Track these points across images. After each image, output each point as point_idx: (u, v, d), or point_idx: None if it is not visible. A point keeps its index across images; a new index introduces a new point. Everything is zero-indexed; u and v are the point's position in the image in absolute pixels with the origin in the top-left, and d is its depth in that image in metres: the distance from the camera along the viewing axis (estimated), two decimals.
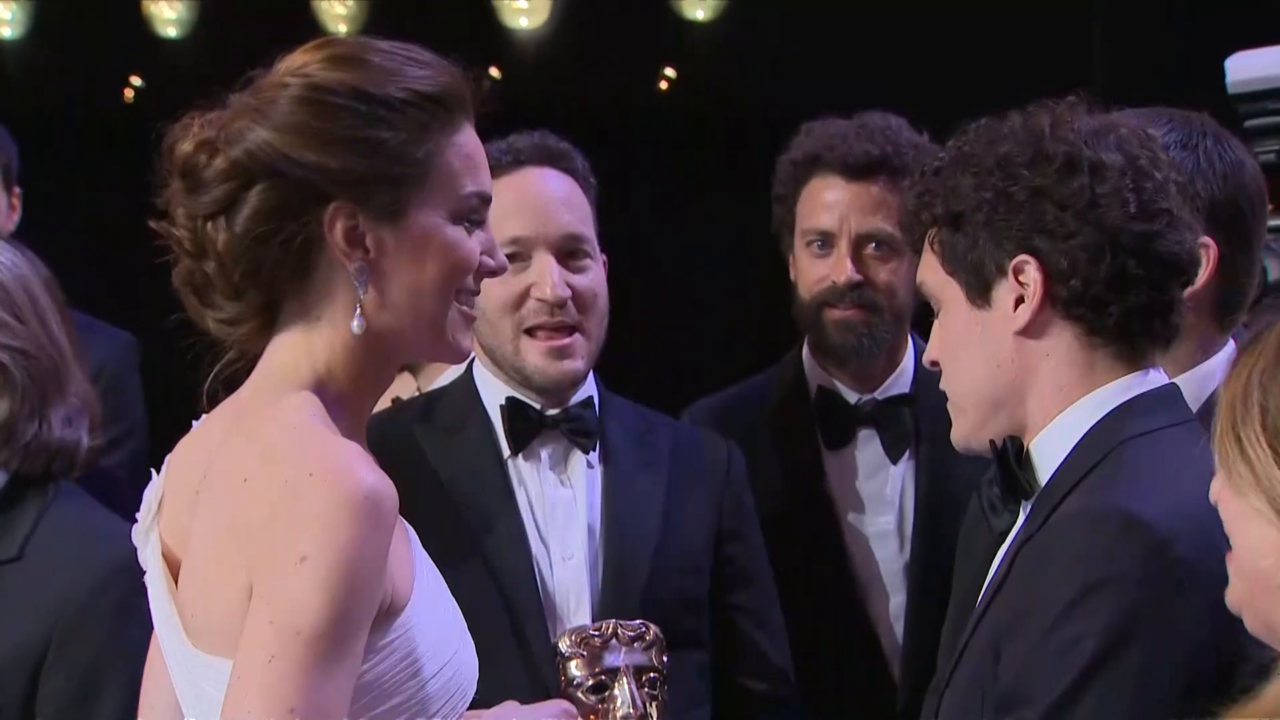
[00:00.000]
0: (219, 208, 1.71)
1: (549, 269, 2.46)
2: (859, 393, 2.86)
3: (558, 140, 2.56)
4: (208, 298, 1.75)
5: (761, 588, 2.61)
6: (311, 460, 1.62)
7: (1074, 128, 1.91)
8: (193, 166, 1.72)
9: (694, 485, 2.57)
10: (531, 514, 2.49)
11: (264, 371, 1.76)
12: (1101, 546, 1.73)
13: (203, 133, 1.72)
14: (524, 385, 2.51)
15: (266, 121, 1.70)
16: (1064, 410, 1.91)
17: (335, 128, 1.71)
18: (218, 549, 1.66)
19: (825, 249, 2.82)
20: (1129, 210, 1.87)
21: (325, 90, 1.71)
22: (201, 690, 1.70)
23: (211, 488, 1.69)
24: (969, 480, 2.70)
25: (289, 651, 1.56)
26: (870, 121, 2.83)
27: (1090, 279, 1.87)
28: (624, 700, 2.25)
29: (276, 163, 1.70)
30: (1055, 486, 1.88)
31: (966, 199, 1.92)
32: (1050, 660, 1.73)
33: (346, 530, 1.58)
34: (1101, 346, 1.90)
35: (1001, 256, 1.91)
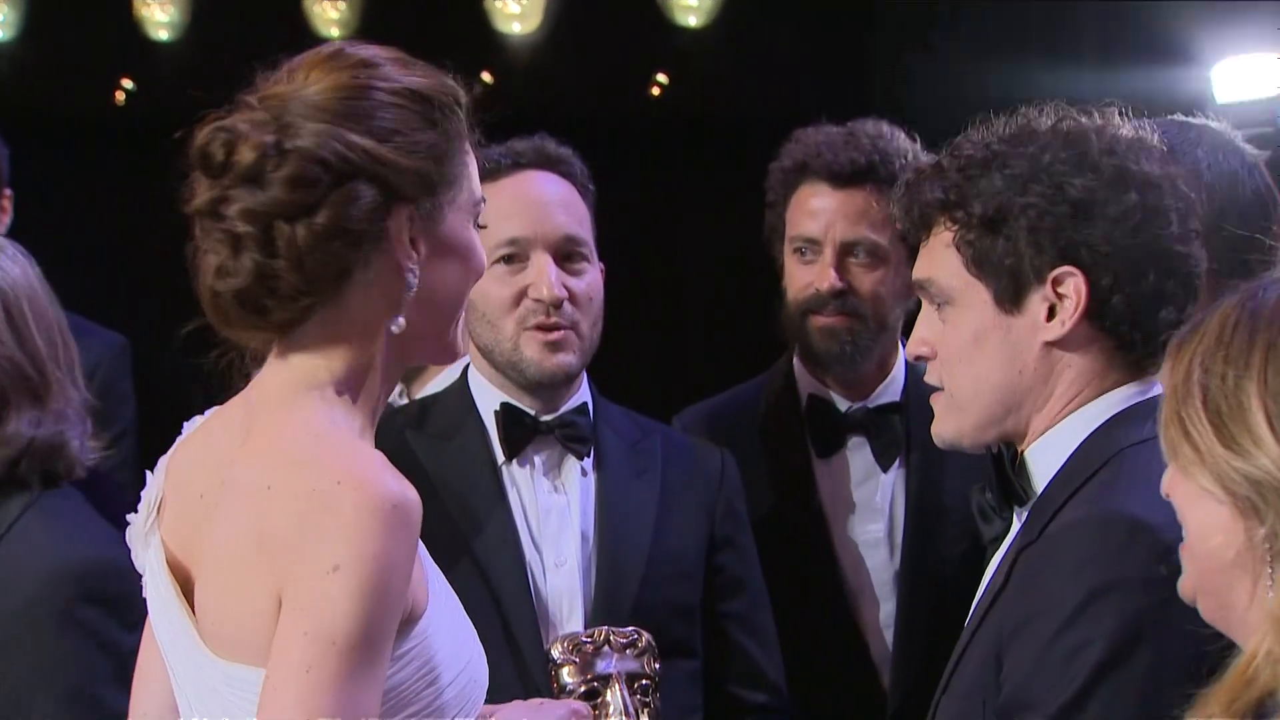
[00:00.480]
0: (301, 209, 1.67)
1: (546, 269, 2.47)
2: (849, 400, 2.87)
3: (557, 144, 2.57)
4: (258, 301, 1.69)
5: (754, 596, 2.61)
6: (339, 468, 1.62)
7: (1118, 138, 1.90)
8: (259, 167, 1.67)
9: (687, 493, 2.57)
10: (525, 520, 2.49)
11: (278, 374, 1.74)
12: (1107, 552, 1.73)
13: (258, 133, 1.68)
14: (519, 384, 2.51)
15: (347, 122, 1.69)
16: (1061, 418, 1.91)
17: (408, 130, 1.71)
18: (241, 556, 1.65)
19: (811, 256, 2.83)
20: (1173, 230, 1.87)
21: (399, 94, 1.72)
22: (220, 697, 1.69)
23: (231, 494, 1.68)
24: (959, 489, 2.71)
25: (325, 662, 1.56)
26: (859, 129, 2.84)
27: (1133, 295, 1.87)
28: (616, 707, 2.25)
29: (362, 163, 1.68)
30: (1053, 493, 1.88)
31: (1006, 202, 1.90)
32: (1056, 666, 1.73)
33: (377, 539, 1.58)
34: (1123, 360, 1.90)
35: (1041, 265, 1.89)
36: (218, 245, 1.69)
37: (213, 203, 1.69)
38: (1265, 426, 1.44)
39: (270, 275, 1.67)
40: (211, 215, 1.69)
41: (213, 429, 1.80)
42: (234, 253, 1.68)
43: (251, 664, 1.64)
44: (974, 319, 1.95)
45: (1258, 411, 1.45)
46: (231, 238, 1.68)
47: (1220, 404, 1.47)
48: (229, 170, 1.68)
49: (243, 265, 1.68)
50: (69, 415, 2.35)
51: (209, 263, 1.70)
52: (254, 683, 1.63)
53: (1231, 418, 1.46)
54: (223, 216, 1.68)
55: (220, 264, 1.69)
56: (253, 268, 1.67)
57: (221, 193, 1.68)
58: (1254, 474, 1.44)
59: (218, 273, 1.69)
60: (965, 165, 1.95)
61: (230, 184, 1.68)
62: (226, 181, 1.68)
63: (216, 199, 1.69)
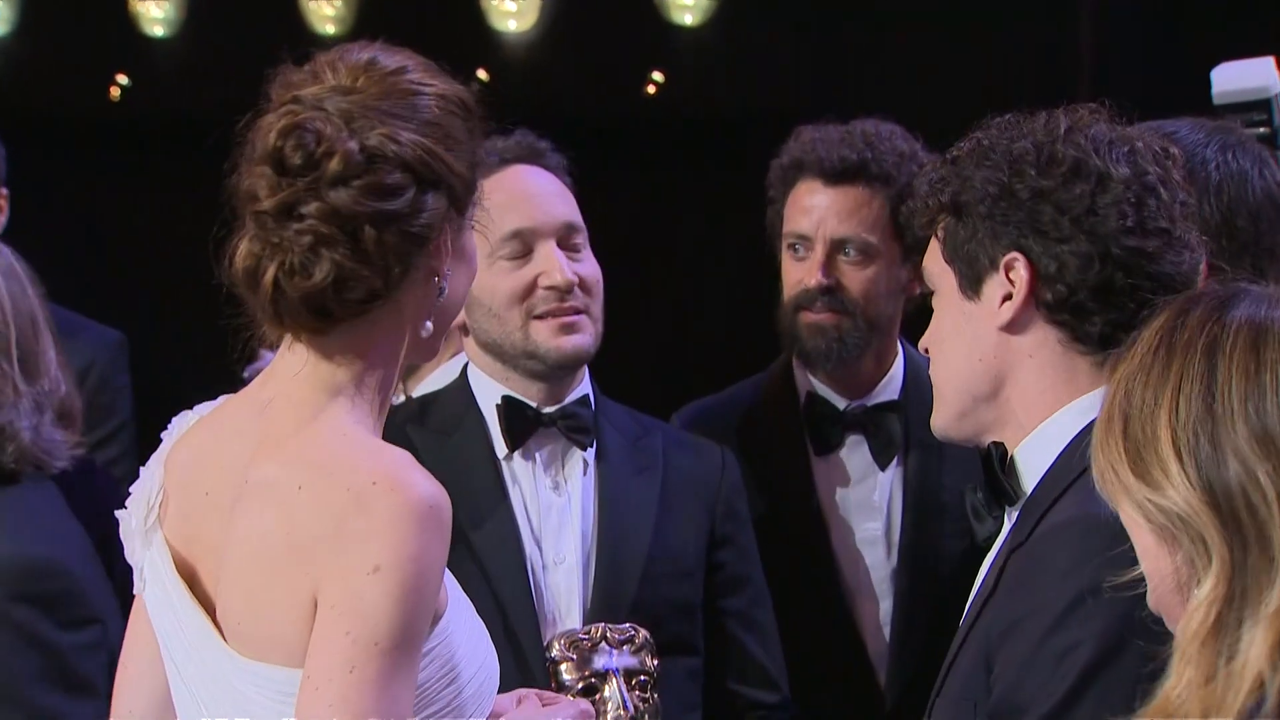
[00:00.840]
0: (389, 215, 1.68)
1: (555, 256, 2.48)
2: (847, 399, 2.87)
3: (536, 138, 2.59)
4: (324, 303, 1.69)
5: (755, 594, 2.61)
6: (373, 469, 1.63)
7: (1089, 134, 1.91)
8: (348, 172, 1.67)
9: (687, 491, 2.58)
10: (526, 517, 2.50)
11: (296, 371, 1.73)
12: (1093, 554, 1.72)
13: (341, 137, 1.68)
14: (532, 373, 2.51)
15: (427, 130, 1.71)
16: (1048, 417, 1.91)
17: (464, 139, 1.74)
18: (270, 556, 1.66)
19: (803, 253, 2.83)
20: (1125, 224, 1.86)
21: (454, 102, 1.75)
22: (239, 695, 1.69)
23: (256, 494, 1.69)
24: (956, 487, 2.71)
25: (368, 662, 1.58)
26: (856, 127, 2.84)
27: (1076, 286, 1.87)
28: (615, 702, 2.26)
29: (441, 172, 1.71)
30: (1041, 494, 1.88)
31: (969, 189, 1.92)
32: (1045, 668, 1.73)
33: (415, 540, 1.61)
34: (1083, 355, 1.90)
35: (996, 251, 1.91)
36: (290, 245, 1.68)
37: (286, 203, 1.68)
38: (1173, 459, 1.42)
39: (349, 278, 1.68)
40: (284, 215, 1.68)
41: (220, 426, 1.79)
42: (312, 254, 1.67)
43: (279, 663, 1.66)
44: (947, 307, 1.97)
45: (1166, 443, 1.43)
46: (313, 238, 1.67)
47: (1136, 433, 1.45)
48: (311, 172, 1.68)
49: (321, 267, 1.67)
50: (19, 406, 2.32)
51: (272, 262, 1.68)
52: (282, 681, 1.65)
53: (1145, 448, 1.44)
54: (302, 217, 1.67)
55: (291, 264, 1.68)
56: (331, 269, 1.67)
57: (299, 194, 1.68)
58: (1166, 506, 1.42)
59: (288, 273, 1.68)
60: (954, 158, 1.97)
61: (311, 185, 1.67)
62: (307, 183, 1.68)
63: (291, 200, 1.68)
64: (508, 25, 6.16)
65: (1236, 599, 1.38)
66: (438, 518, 1.63)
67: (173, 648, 1.77)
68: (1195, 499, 1.40)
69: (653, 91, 6.41)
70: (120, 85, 6.19)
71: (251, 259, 1.70)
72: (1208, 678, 1.38)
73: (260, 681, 1.68)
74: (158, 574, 1.78)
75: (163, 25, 6.18)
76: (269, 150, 1.69)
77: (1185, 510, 1.41)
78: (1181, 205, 1.91)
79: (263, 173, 1.69)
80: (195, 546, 1.76)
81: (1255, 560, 1.38)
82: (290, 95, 1.72)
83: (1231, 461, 1.39)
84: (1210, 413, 1.41)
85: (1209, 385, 1.42)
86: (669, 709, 2.37)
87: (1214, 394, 1.42)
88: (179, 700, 1.78)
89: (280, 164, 1.68)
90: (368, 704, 1.58)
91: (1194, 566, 1.41)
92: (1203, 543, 1.40)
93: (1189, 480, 1.41)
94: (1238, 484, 1.39)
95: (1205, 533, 1.40)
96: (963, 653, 1.86)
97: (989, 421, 1.95)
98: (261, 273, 1.69)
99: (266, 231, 1.69)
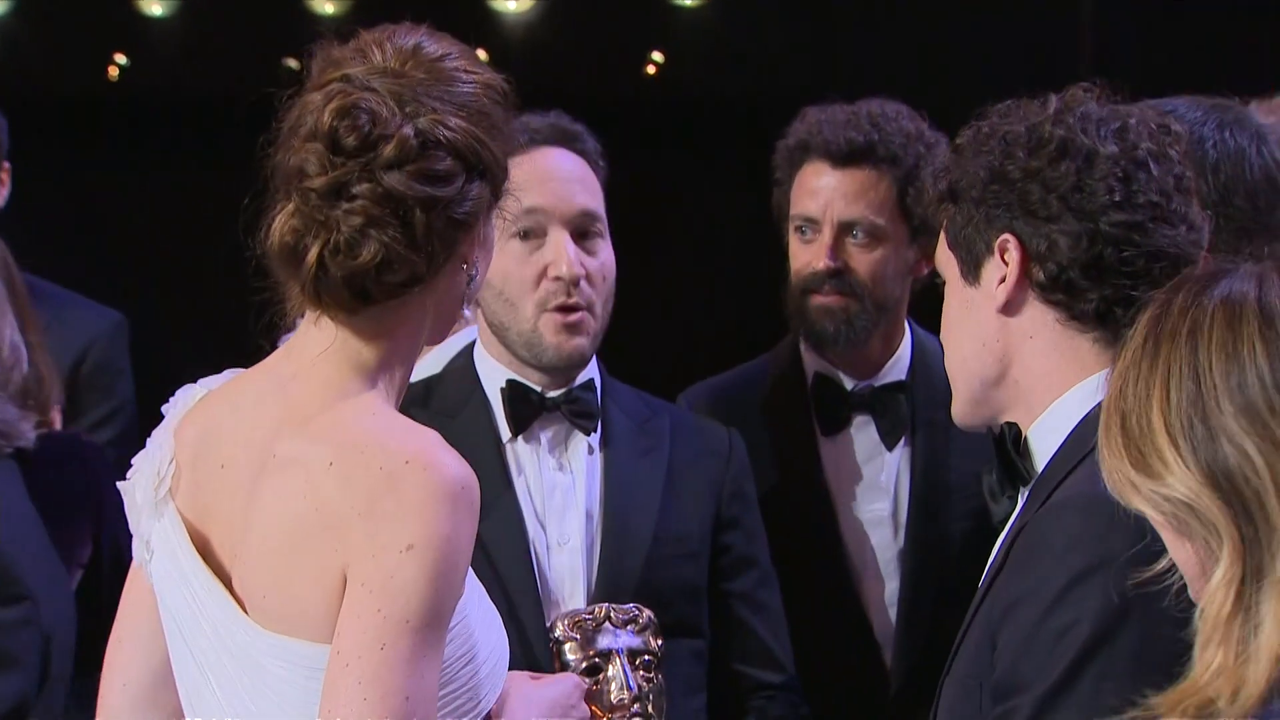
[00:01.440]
0: (439, 200, 1.70)
1: (565, 246, 2.48)
2: (855, 379, 2.87)
3: (571, 121, 2.58)
4: (364, 284, 1.70)
5: (761, 575, 2.61)
6: (406, 448, 1.66)
7: (1078, 114, 1.91)
8: (405, 155, 1.68)
9: (694, 472, 2.58)
10: (530, 498, 2.50)
11: (320, 348, 1.74)
12: (1093, 532, 1.73)
13: (396, 119, 1.69)
14: (532, 363, 2.51)
15: (477, 119, 1.72)
16: (1059, 398, 1.91)
17: (507, 130, 1.77)
18: (298, 531, 1.67)
19: (811, 235, 2.83)
20: (1113, 198, 1.86)
21: (499, 91, 1.77)
22: (261, 667, 1.70)
23: (284, 469, 1.70)
24: (964, 467, 2.74)
25: (400, 640, 1.60)
26: (863, 108, 2.84)
27: (1066, 264, 1.87)
28: (619, 682, 2.26)
29: (488, 161, 1.74)
30: (1050, 474, 1.88)
31: (965, 175, 1.93)
32: (1044, 647, 1.73)
33: (448, 520, 1.63)
34: (1082, 333, 1.90)
35: (990, 234, 1.92)
36: (338, 224, 1.68)
37: (339, 182, 1.68)
38: (1169, 448, 1.43)
39: (394, 260, 1.69)
40: (334, 195, 1.69)
41: (237, 400, 1.79)
42: (361, 234, 1.68)
43: (305, 638, 1.67)
44: (953, 295, 1.99)
45: (1161, 433, 1.44)
46: (364, 219, 1.68)
47: (1133, 428, 1.46)
48: (366, 153, 1.68)
49: (369, 248, 1.68)
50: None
51: (317, 240, 1.69)
52: (306, 655, 1.67)
53: (1143, 442, 1.45)
54: (354, 197, 1.68)
55: (337, 243, 1.68)
56: (380, 250, 1.68)
57: (351, 174, 1.68)
58: (1172, 495, 1.43)
59: (333, 251, 1.68)
60: (957, 147, 1.98)
61: (365, 167, 1.68)
62: (361, 164, 1.68)
63: (344, 179, 1.68)
64: (507, 6, 6.15)
65: (1251, 576, 1.39)
66: (469, 498, 1.67)
67: (182, 620, 1.77)
68: (1196, 484, 1.42)
69: (652, 72, 6.39)
70: (118, 65, 6.17)
71: (293, 235, 1.71)
72: (1235, 660, 1.39)
73: (284, 655, 1.69)
74: (169, 546, 1.78)
75: (161, 5, 6.17)
76: (323, 128, 1.69)
77: (1189, 496, 1.42)
78: (1176, 179, 1.90)
79: (314, 149, 1.70)
80: (209, 519, 1.77)
81: (1262, 534, 1.39)
82: (340, 73, 1.72)
83: (1224, 441, 1.41)
84: (1199, 395, 1.43)
85: (1194, 369, 1.44)
86: (674, 690, 2.37)
87: (1199, 376, 1.43)
88: (183, 672, 1.78)
89: (335, 143, 1.69)
90: (398, 680, 1.60)
91: (1210, 550, 1.42)
92: (1212, 526, 1.41)
93: (1187, 466, 1.42)
94: (1234, 462, 1.40)
95: (1212, 516, 1.41)
96: (970, 631, 1.87)
97: (1002, 404, 1.95)
98: (304, 249, 1.70)
99: (312, 208, 1.69)
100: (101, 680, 1.87)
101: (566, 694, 1.94)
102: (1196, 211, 1.92)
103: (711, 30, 6.10)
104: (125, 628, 1.85)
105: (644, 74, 6.44)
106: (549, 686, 1.93)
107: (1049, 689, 1.73)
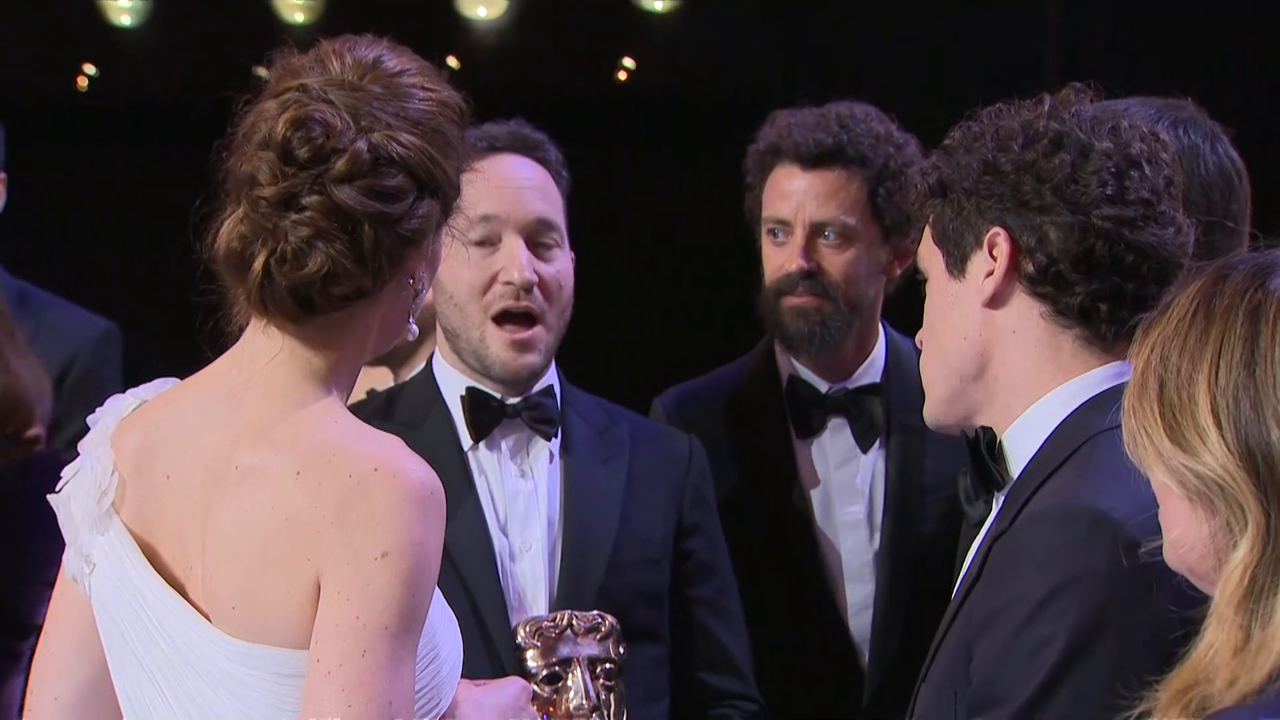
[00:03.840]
0: (388, 216, 1.70)
1: (517, 252, 2.48)
2: (830, 382, 2.88)
3: (533, 129, 2.58)
4: (310, 295, 1.70)
5: (722, 581, 2.61)
6: (372, 456, 1.67)
7: (1072, 111, 1.91)
8: (356, 171, 1.69)
9: (655, 479, 2.58)
10: (493, 506, 2.50)
11: (270, 358, 1.74)
12: (1070, 545, 1.73)
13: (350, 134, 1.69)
14: (484, 374, 2.51)
15: (431, 137, 1.73)
16: (1036, 402, 1.90)
17: (460, 147, 1.78)
18: (265, 541, 1.68)
19: (783, 237, 2.85)
20: (1106, 192, 1.86)
21: (454, 109, 1.78)
22: (228, 674, 1.70)
23: (245, 479, 1.70)
24: (939, 470, 2.76)
25: (379, 646, 1.62)
26: (831, 110, 2.86)
27: (1057, 256, 1.87)
28: (577, 690, 2.28)
29: (441, 179, 1.74)
30: (1026, 480, 1.88)
31: (959, 170, 1.93)
32: (1021, 661, 1.73)
33: (419, 525, 1.65)
34: (1066, 329, 1.89)
35: (980, 227, 1.91)
36: (285, 234, 1.68)
37: (288, 193, 1.69)
38: (1212, 424, 1.42)
39: (340, 273, 1.69)
40: (284, 204, 1.69)
41: (181, 410, 1.78)
42: (308, 245, 1.68)
43: (274, 644, 1.68)
44: (935, 291, 1.98)
45: (1205, 408, 1.43)
46: (311, 231, 1.68)
47: (1173, 398, 1.45)
48: (318, 165, 1.69)
49: (315, 259, 1.68)
50: None
51: (264, 248, 1.69)
52: (275, 661, 1.68)
53: (1181, 413, 1.45)
54: (302, 208, 1.68)
55: (284, 252, 1.69)
56: (325, 263, 1.68)
57: (302, 185, 1.69)
58: (1203, 471, 1.43)
59: (279, 260, 1.69)
60: (945, 146, 1.97)
61: (316, 179, 1.68)
62: (312, 176, 1.69)
63: (294, 190, 1.69)
64: (478, 12, 6.14)
65: (1271, 563, 1.39)
66: (437, 502, 1.68)
67: (130, 632, 1.76)
68: (1233, 464, 1.41)
69: (624, 78, 6.39)
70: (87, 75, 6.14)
71: (240, 241, 1.71)
72: (1240, 644, 1.39)
73: (253, 662, 1.69)
74: (115, 559, 1.77)
75: (129, 14, 6.14)
76: (276, 138, 1.70)
77: (1222, 475, 1.42)
78: (1167, 181, 1.91)
79: (266, 158, 1.70)
80: (155, 530, 1.76)
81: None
82: (297, 83, 1.73)
83: (1273, 426, 1.40)
84: (1252, 378, 1.42)
85: (1251, 351, 1.43)
86: (635, 696, 2.38)
87: (1255, 360, 1.42)
88: (129, 683, 1.77)
89: (287, 153, 1.69)
90: (380, 685, 1.62)
91: (1230, 531, 1.42)
92: (1240, 507, 1.41)
93: (1227, 446, 1.41)
94: (1278, 449, 1.40)
95: (1242, 498, 1.41)
96: (947, 639, 1.87)
97: (977, 403, 1.94)
98: (251, 257, 1.70)
99: (261, 216, 1.70)
100: (29, 693, 1.86)
101: (515, 696, 1.95)
102: (1183, 217, 1.92)
103: (682, 35, 6.10)
104: (56, 641, 1.84)
105: (615, 79, 6.44)
106: (497, 692, 1.94)
107: (1026, 702, 1.72)
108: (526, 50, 6.12)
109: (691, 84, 6.11)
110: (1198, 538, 1.46)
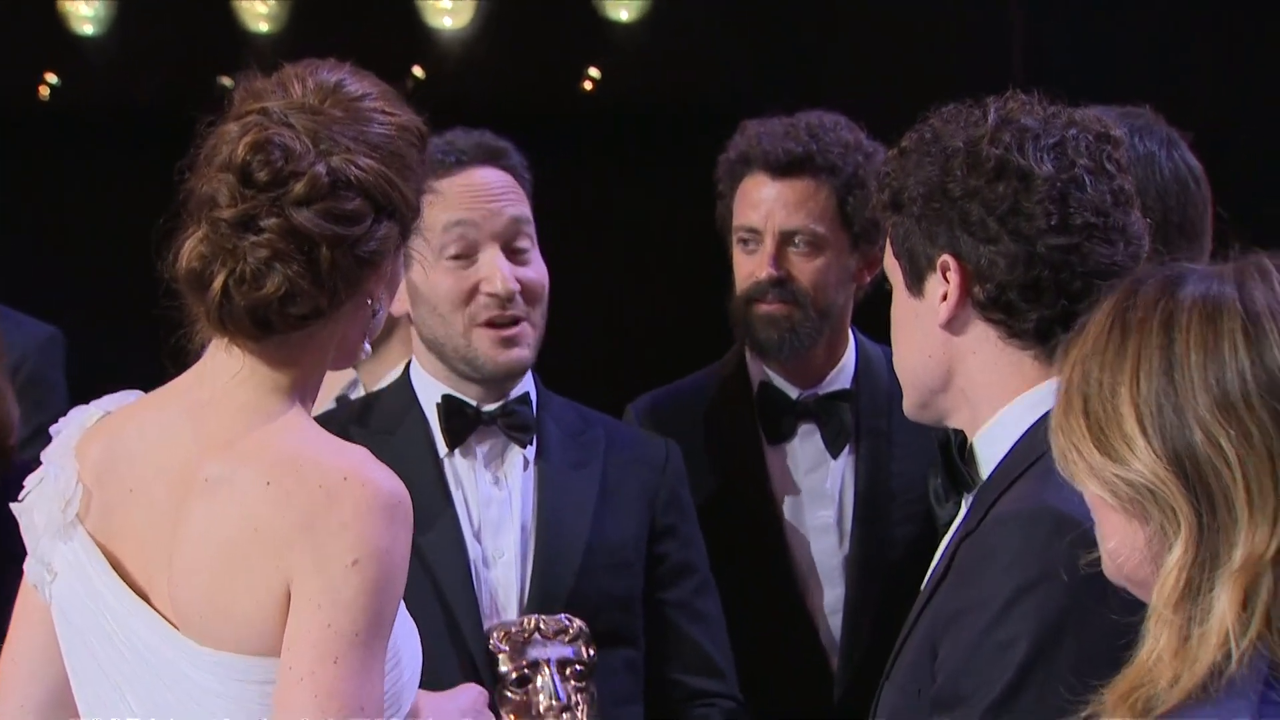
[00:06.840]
0: (346, 239, 1.72)
1: (497, 263, 2.49)
2: (800, 388, 2.90)
3: (495, 138, 2.60)
4: (267, 315, 1.72)
5: (699, 583, 2.62)
6: (340, 466, 1.69)
7: (1015, 129, 1.91)
8: (314, 194, 1.71)
9: (629, 483, 2.59)
10: (467, 513, 2.51)
11: (233, 373, 1.76)
12: (1034, 548, 1.75)
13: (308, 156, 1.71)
14: (470, 376, 2.52)
15: (389, 161, 1.75)
16: (1004, 407, 1.92)
17: (419, 171, 1.80)
18: (233, 550, 1.70)
19: (753, 246, 2.87)
20: (1050, 222, 1.87)
21: (415, 133, 1.80)
22: (194, 682, 1.72)
23: (213, 490, 1.72)
24: (908, 474, 2.78)
25: (350, 653, 1.64)
26: (801, 119, 2.88)
27: (1005, 285, 1.89)
28: (547, 692, 2.30)
29: (399, 203, 1.76)
30: (995, 482, 1.90)
31: (906, 187, 1.94)
32: (986, 660, 1.75)
33: (387, 533, 1.67)
34: (1023, 349, 1.91)
35: (932, 251, 1.93)
36: (244, 255, 1.70)
37: (247, 215, 1.70)
38: (1138, 432, 1.45)
39: (297, 294, 1.71)
40: (242, 226, 1.71)
41: (145, 424, 1.80)
42: (265, 267, 1.70)
43: (243, 652, 1.70)
44: (899, 303, 2.00)
45: (1130, 417, 1.46)
46: (269, 252, 1.70)
47: (1098, 411, 1.48)
48: (276, 189, 1.71)
49: (273, 280, 1.70)
50: None
51: (223, 269, 1.71)
52: (242, 668, 1.70)
53: (1108, 425, 1.47)
54: (260, 230, 1.70)
55: (242, 273, 1.70)
56: (283, 284, 1.70)
57: (260, 207, 1.70)
58: (1133, 479, 1.45)
59: (237, 280, 1.71)
60: (902, 150, 1.98)
61: (274, 201, 1.70)
62: (270, 198, 1.70)
63: (252, 212, 1.70)
64: (442, 23, 6.13)
65: (1206, 562, 1.42)
66: (404, 510, 1.71)
67: (93, 640, 1.77)
68: (1161, 468, 1.44)
69: (589, 88, 6.40)
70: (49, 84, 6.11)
71: (200, 261, 1.73)
72: (1180, 643, 1.41)
73: (221, 670, 1.71)
74: (78, 568, 1.78)
75: (92, 24, 6.11)
76: (236, 161, 1.72)
77: (1152, 480, 1.44)
78: (1114, 193, 1.91)
79: (226, 180, 1.72)
80: (118, 541, 1.78)
81: (1221, 522, 1.42)
82: (258, 106, 1.75)
83: (1195, 429, 1.43)
84: (1171, 384, 1.45)
85: (1168, 359, 1.46)
86: (606, 700, 2.40)
87: (1173, 366, 1.45)
88: (91, 691, 1.78)
89: (247, 176, 1.71)
90: (352, 691, 1.64)
91: (1165, 535, 1.45)
92: (1171, 510, 1.44)
93: (1154, 451, 1.44)
94: (1202, 451, 1.43)
95: (1173, 500, 1.44)
96: (911, 638, 1.89)
97: (948, 409, 1.97)
98: (210, 276, 1.72)
99: (221, 237, 1.72)
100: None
101: (473, 700, 1.98)
102: (1136, 220, 1.93)
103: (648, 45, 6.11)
104: (20, 648, 1.86)
105: (580, 89, 6.44)
106: (456, 696, 1.97)
107: (991, 703, 1.74)
108: (491, 60, 6.11)
109: (657, 94, 6.12)
110: (1134, 546, 1.48)
